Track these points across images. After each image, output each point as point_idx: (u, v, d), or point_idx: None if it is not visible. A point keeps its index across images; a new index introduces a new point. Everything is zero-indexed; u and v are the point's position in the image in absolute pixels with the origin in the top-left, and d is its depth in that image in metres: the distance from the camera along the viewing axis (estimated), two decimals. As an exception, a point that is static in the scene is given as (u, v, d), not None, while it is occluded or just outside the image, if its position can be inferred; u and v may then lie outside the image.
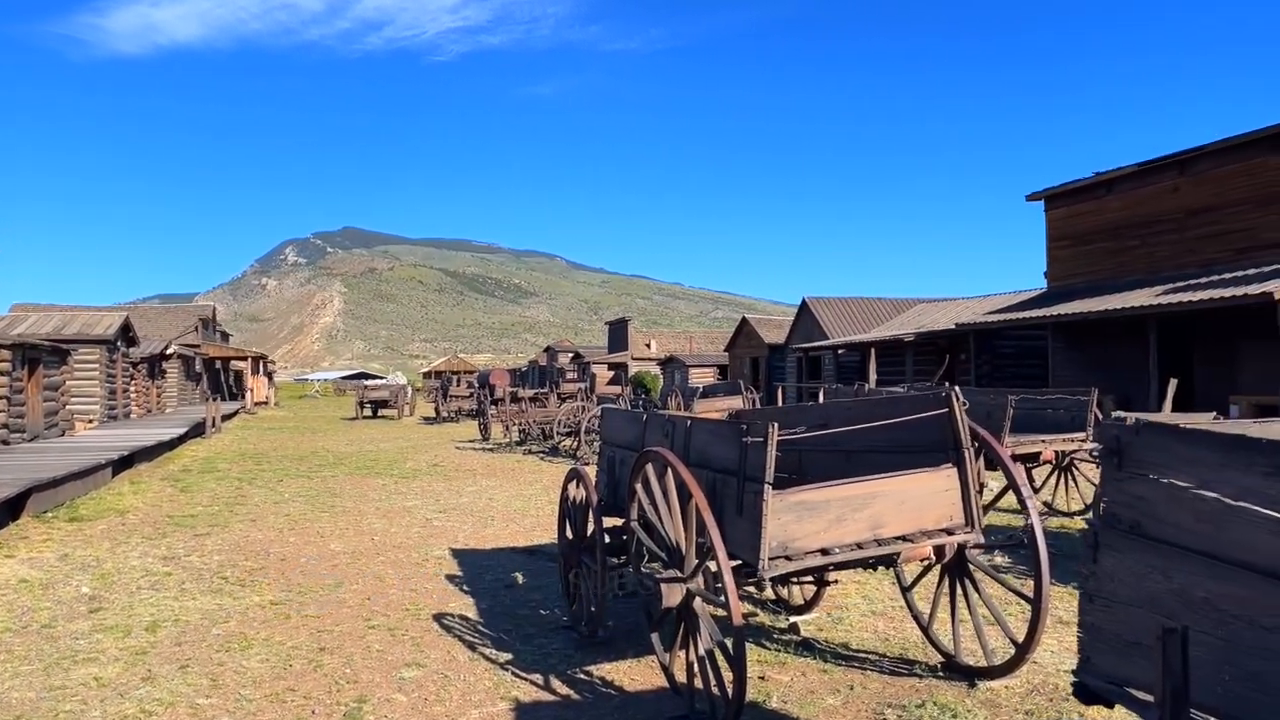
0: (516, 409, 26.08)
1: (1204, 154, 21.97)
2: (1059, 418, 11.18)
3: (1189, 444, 2.27)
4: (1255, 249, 20.78)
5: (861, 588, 7.69)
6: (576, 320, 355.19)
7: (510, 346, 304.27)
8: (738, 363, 49.57)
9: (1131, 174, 24.17)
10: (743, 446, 4.66)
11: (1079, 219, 26.26)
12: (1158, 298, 20.56)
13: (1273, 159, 20.33)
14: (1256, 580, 2.05)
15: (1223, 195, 21.64)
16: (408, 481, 16.47)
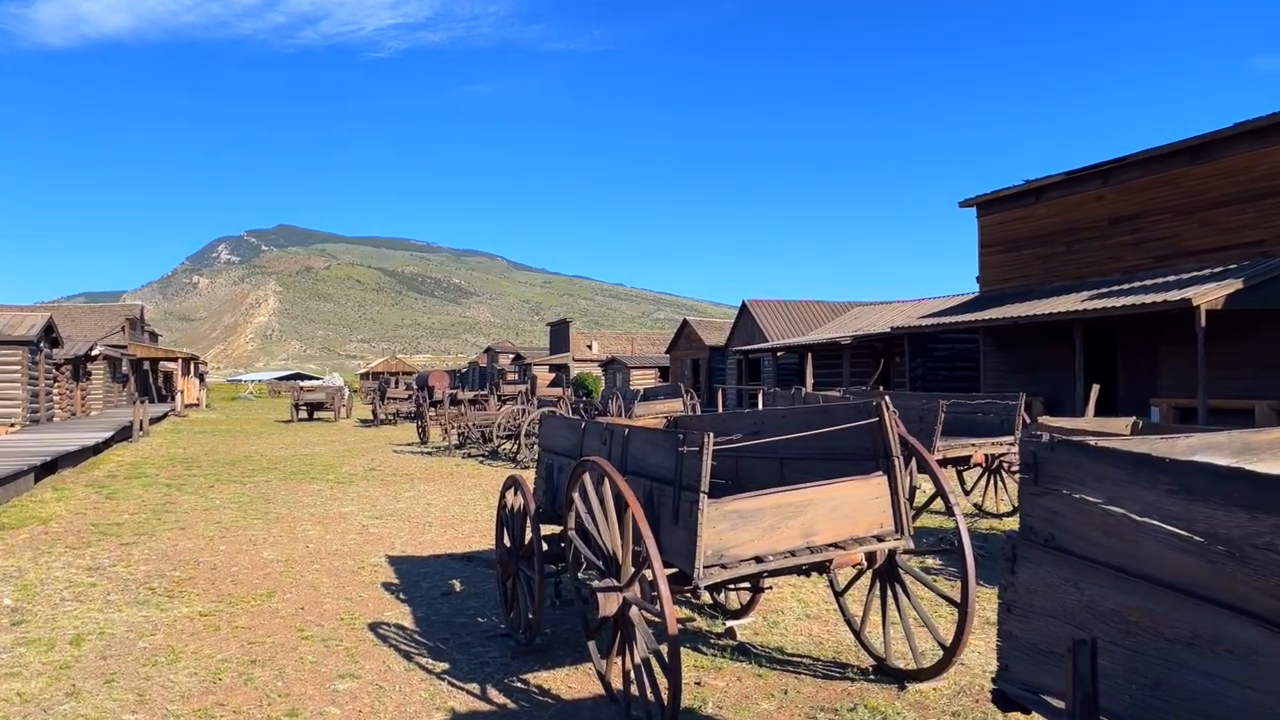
0: (456, 412, 25.86)
1: (1128, 164, 22.72)
2: (989, 422, 11.46)
3: (1099, 461, 2.37)
4: (1175, 256, 21.55)
5: (797, 591, 7.81)
6: (518, 321, 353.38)
7: (450, 347, 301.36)
8: (679, 364, 49.82)
9: (1059, 182, 24.88)
10: (679, 456, 4.71)
11: (1010, 226, 26.95)
12: (1083, 303, 21.19)
13: (1193, 169, 21.10)
14: (1160, 593, 2.15)
15: (1145, 204, 22.40)
16: (344, 486, 16.24)
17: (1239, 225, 20.09)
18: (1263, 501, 1.89)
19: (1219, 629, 1.99)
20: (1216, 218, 20.60)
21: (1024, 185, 26.04)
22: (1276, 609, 1.86)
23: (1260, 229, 19.68)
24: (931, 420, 10.41)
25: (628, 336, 71.11)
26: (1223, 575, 1.98)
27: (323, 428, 36.10)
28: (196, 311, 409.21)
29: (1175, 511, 2.11)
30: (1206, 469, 2.05)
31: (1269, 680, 1.87)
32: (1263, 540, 1.89)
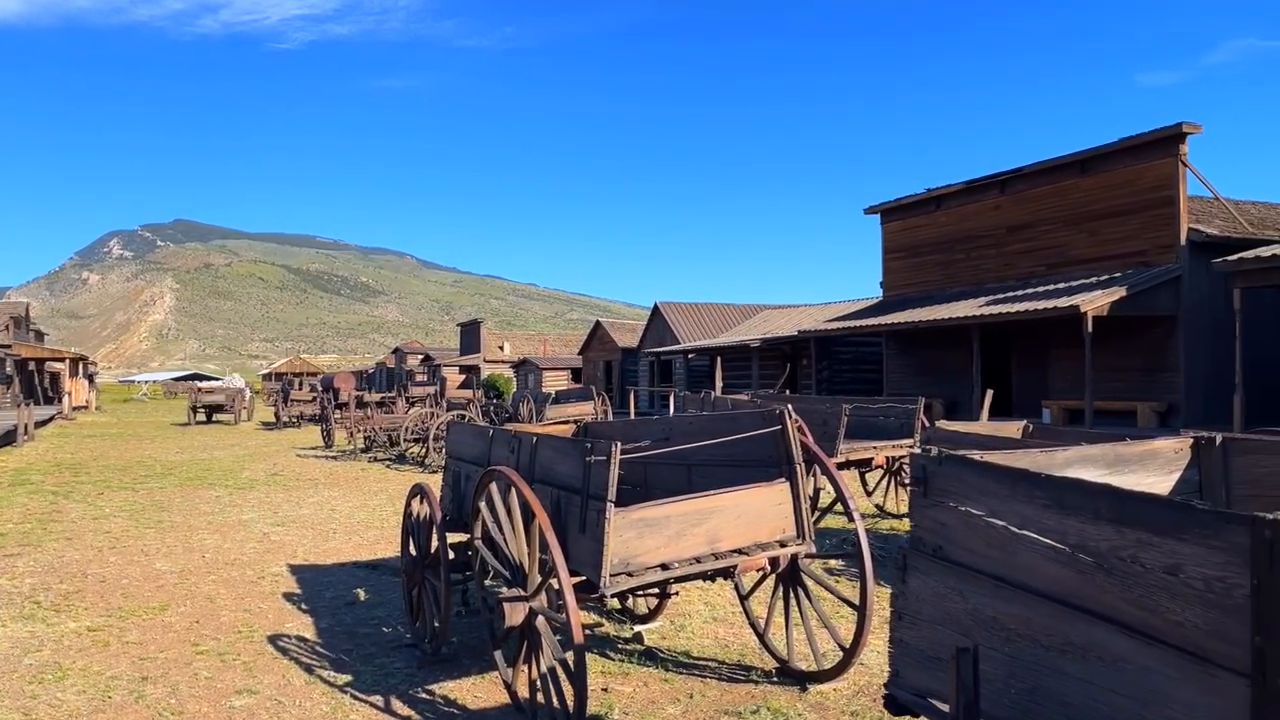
0: (362, 414, 25.35)
1: (1021, 175, 23.65)
2: (890, 425, 11.80)
3: (982, 476, 2.48)
4: (1065, 264, 22.53)
5: (704, 594, 7.91)
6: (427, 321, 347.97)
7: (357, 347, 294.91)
8: (592, 366, 49.82)
9: (959, 191, 25.75)
10: (586, 465, 4.73)
11: (912, 232, 27.76)
12: (980, 309, 21.98)
13: (1082, 181, 22.09)
14: (1037, 602, 2.26)
15: (1038, 214, 23.36)
16: (244, 492, 15.76)
17: (1123, 236, 21.13)
18: (1127, 516, 2.01)
19: (1090, 637, 2.11)
20: (1103, 228, 21.62)
21: (926, 194, 26.88)
22: (1140, 618, 1.98)
23: (1142, 239, 20.73)
24: (835, 424, 10.67)
25: (540, 337, 70.82)
26: (1092, 585, 2.10)
27: (222, 431, 34.94)
28: (86, 309, 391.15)
29: (1050, 525, 2.23)
30: (1078, 485, 2.17)
31: (1134, 686, 1.99)
32: (1127, 553, 2.01)
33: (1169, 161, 20.08)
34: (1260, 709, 1.72)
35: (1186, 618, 1.88)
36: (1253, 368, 18.13)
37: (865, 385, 31.13)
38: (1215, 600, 1.82)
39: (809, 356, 30.65)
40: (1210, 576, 1.83)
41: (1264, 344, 19.91)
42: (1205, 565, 1.83)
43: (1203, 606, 1.84)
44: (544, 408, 21.74)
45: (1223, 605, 1.80)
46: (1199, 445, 3.17)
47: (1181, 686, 1.88)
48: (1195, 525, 1.85)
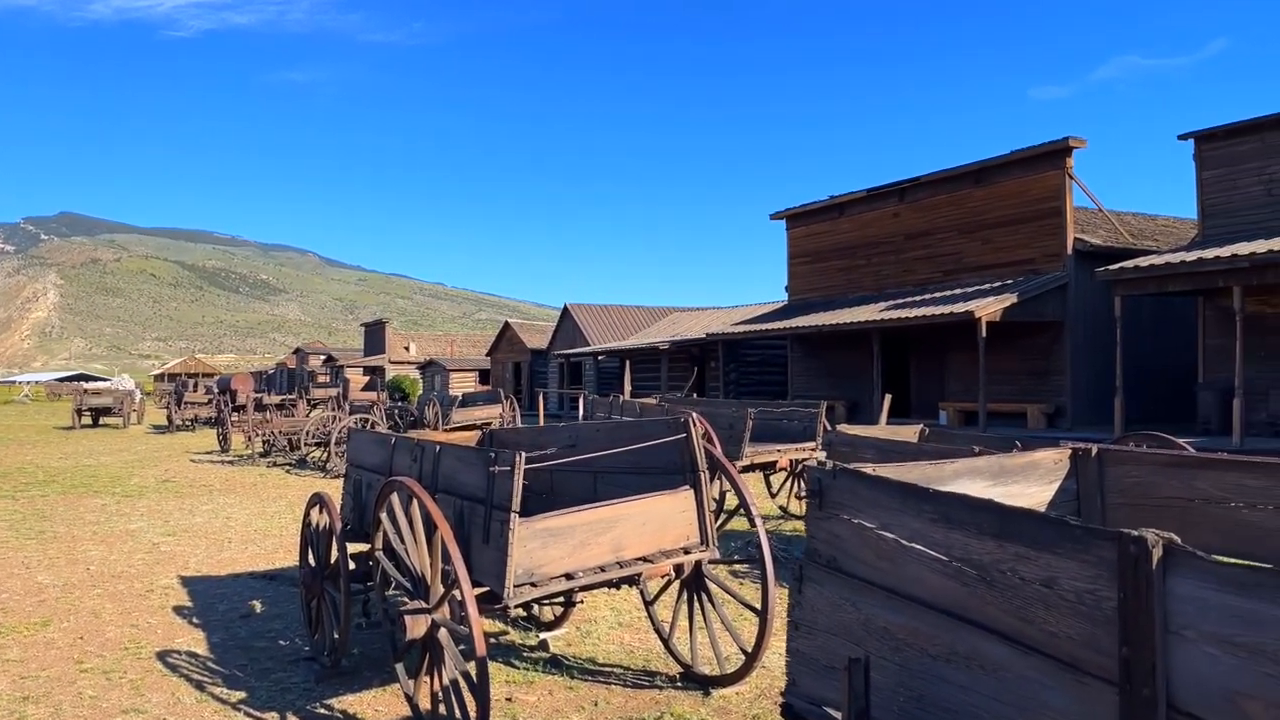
0: (261, 417, 24.60)
1: (920, 184, 24.42)
2: (793, 428, 12.03)
3: (874, 489, 2.56)
4: (961, 271, 23.35)
5: (610, 600, 7.92)
6: (330, 320, 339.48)
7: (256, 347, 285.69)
8: (500, 367, 49.40)
9: (861, 198, 26.43)
10: (490, 475, 4.69)
11: (816, 238, 28.36)
12: (880, 313, 22.59)
13: (976, 191, 22.92)
14: (924, 613, 2.34)
15: (935, 222, 24.15)
16: (132, 500, 15.11)
17: (1014, 244, 22.01)
18: (1007, 531, 2.10)
19: (973, 646, 2.19)
20: (995, 237, 22.47)
21: (829, 200, 27.50)
22: (1019, 629, 2.07)
23: (1031, 248, 21.63)
24: (740, 428, 10.83)
25: (447, 338, 69.87)
26: (975, 597, 2.19)
27: (109, 435, 33.41)
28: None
29: (937, 538, 2.31)
30: (962, 501, 2.25)
31: (1013, 693, 2.08)
32: (1007, 566, 2.10)
33: (1057, 174, 21.01)
34: (1127, 716, 1.82)
35: (1061, 628, 1.97)
36: (1132, 370, 19.12)
37: (771, 387, 31.68)
38: (1086, 612, 1.91)
39: (717, 359, 31.02)
40: (1082, 589, 1.92)
41: (1142, 348, 21.01)
42: (1077, 579, 1.93)
43: (1075, 618, 1.93)
44: (450, 411, 21.45)
45: (1093, 617, 1.89)
46: (1077, 457, 3.33)
47: (1056, 694, 1.98)
48: (1068, 540, 1.95)
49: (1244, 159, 17.90)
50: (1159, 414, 20.79)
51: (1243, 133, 17.95)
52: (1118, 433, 16.13)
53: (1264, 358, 17.42)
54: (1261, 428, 16.96)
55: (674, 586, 6.45)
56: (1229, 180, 18.18)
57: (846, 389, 26.11)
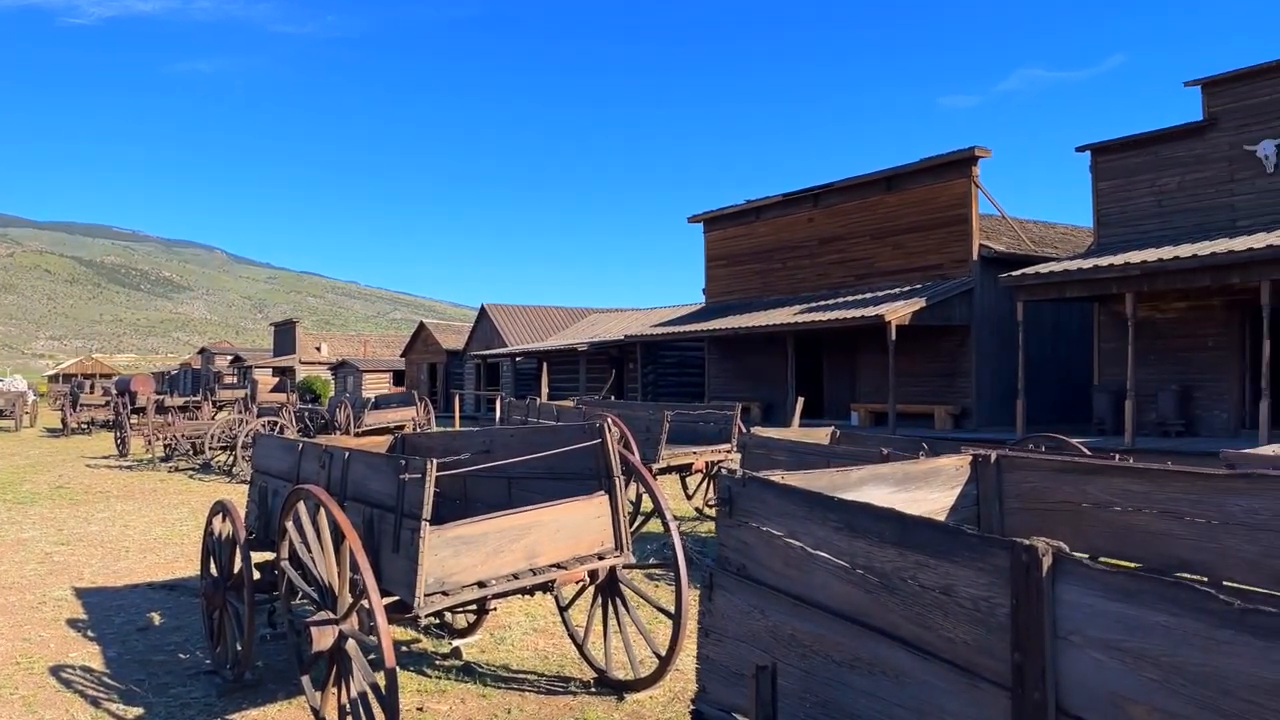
0: (162, 420, 23.71)
1: (833, 190, 24.90)
2: (709, 430, 12.14)
3: (781, 498, 2.59)
4: (872, 275, 23.89)
5: (524, 606, 7.87)
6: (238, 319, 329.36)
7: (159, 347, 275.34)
8: (415, 368, 48.63)
9: (777, 203, 26.82)
10: (400, 483, 4.61)
11: (733, 241, 28.68)
12: (795, 316, 22.97)
13: (887, 197, 23.47)
14: (830, 620, 2.38)
15: (848, 227, 24.66)
16: (24, 508, 14.40)
17: (923, 250, 22.62)
18: (907, 539, 2.15)
19: (876, 653, 2.24)
20: (905, 242, 23.06)
21: (746, 204, 27.84)
22: (919, 635, 2.12)
23: (939, 254, 22.26)
24: (657, 430, 10.88)
25: (360, 338, 68.46)
26: (878, 604, 2.24)
27: (0, 439, 31.80)
28: None
29: (841, 546, 2.35)
30: (866, 509, 2.30)
31: (914, 699, 2.13)
32: (908, 574, 2.15)
33: (963, 182, 21.66)
34: (1020, 718, 1.88)
35: (958, 634, 2.03)
36: (1034, 372, 19.85)
37: (689, 389, 31.91)
38: (981, 618, 1.97)
39: (635, 360, 31.12)
40: (977, 596, 1.98)
41: (1043, 351, 21.84)
42: (973, 586, 1.99)
43: (971, 624, 1.99)
44: (363, 413, 21.03)
45: (988, 623, 1.95)
46: (977, 463, 3.44)
47: (953, 699, 2.03)
48: (964, 549, 2.00)
49: (1137, 171, 18.75)
50: (1059, 414, 21.62)
51: (1136, 146, 18.81)
52: (1020, 433, 16.72)
53: (1154, 361, 18.28)
54: (1151, 428, 17.78)
55: (589, 591, 6.44)
56: (1123, 191, 19.03)
57: (762, 390, 26.47)
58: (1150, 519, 2.95)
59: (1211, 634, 1.57)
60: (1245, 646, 1.52)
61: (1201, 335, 18.13)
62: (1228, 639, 1.55)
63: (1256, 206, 16.92)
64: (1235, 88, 17.23)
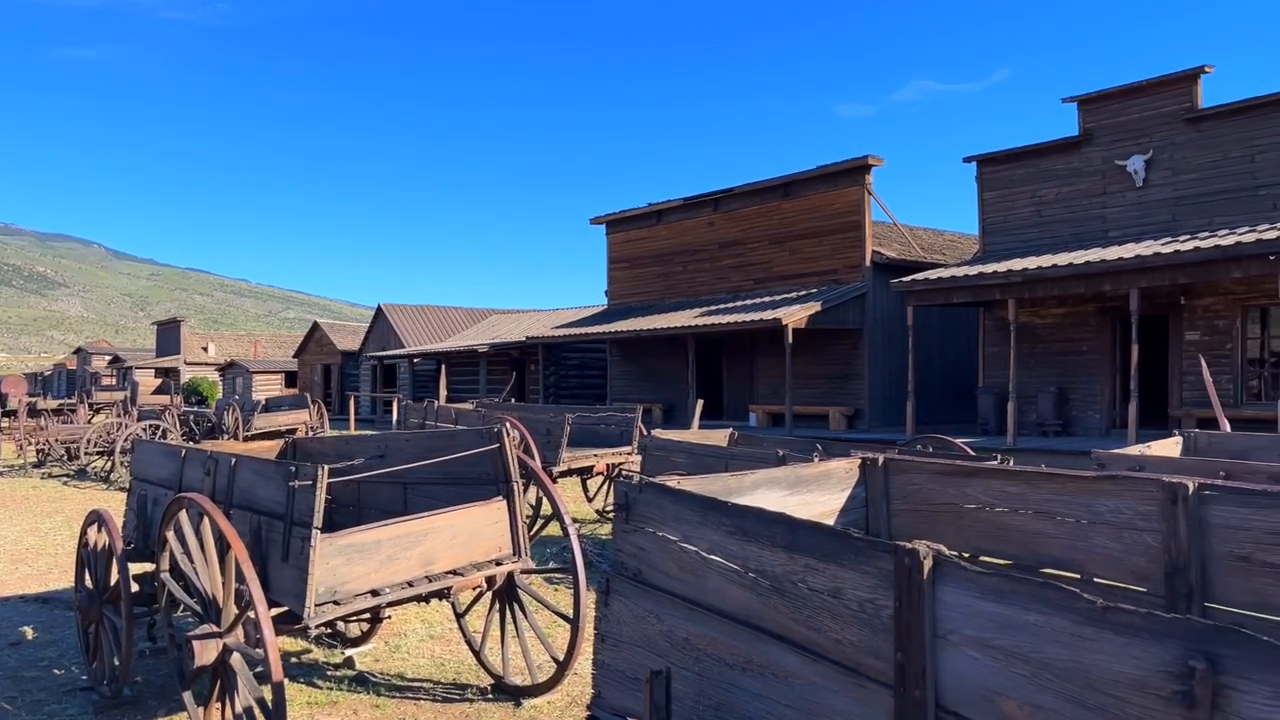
0: (34, 424, 22.45)
1: (733, 195, 25.28)
2: (610, 433, 12.17)
3: (677, 503, 2.62)
4: (771, 280, 24.35)
5: (421, 613, 7.74)
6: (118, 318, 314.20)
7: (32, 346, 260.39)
8: (309, 369, 47.28)
9: (678, 207, 27.08)
10: (290, 490, 4.48)
11: (635, 244, 28.83)
12: (696, 319, 23.23)
13: (784, 204, 23.96)
14: (723, 623, 2.42)
15: (747, 232, 25.07)
16: (-125, 519, 13.43)
17: (819, 255, 23.17)
18: (797, 544, 2.20)
19: (767, 655, 2.28)
20: (802, 247, 23.59)
21: (647, 208, 28.02)
22: (808, 638, 2.17)
23: (834, 259, 22.85)
24: (558, 433, 10.84)
25: (250, 338, 66.17)
26: (770, 607, 2.28)
27: None
28: None
29: (734, 550, 2.39)
30: (758, 514, 2.34)
31: (803, 699, 2.18)
32: (798, 577, 2.20)
33: (857, 190, 22.28)
34: (901, 716, 1.94)
35: (845, 636, 2.08)
36: (923, 375, 20.55)
37: (591, 390, 31.91)
38: (867, 620, 2.03)
39: (537, 362, 30.95)
40: (863, 598, 2.04)
41: (932, 354, 22.65)
42: (859, 588, 2.05)
43: (857, 626, 2.05)
44: (252, 416, 20.32)
45: (873, 624, 2.01)
46: (865, 466, 3.54)
47: (840, 699, 2.09)
48: (850, 552, 2.06)
49: (1019, 182, 19.62)
50: (947, 415, 22.44)
51: (1018, 158, 19.68)
52: (909, 434, 17.30)
53: (1034, 364, 19.15)
54: (1031, 428, 18.63)
55: (487, 597, 6.37)
56: (1006, 201, 19.88)
57: (664, 392, 26.68)
58: (1026, 519, 3.09)
59: (1077, 631, 1.65)
60: (1107, 643, 1.61)
61: (1077, 340, 19.08)
62: (1091, 636, 1.63)
63: (1126, 219, 17.91)
64: (1108, 105, 18.21)
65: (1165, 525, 2.72)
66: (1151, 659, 1.55)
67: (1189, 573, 2.67)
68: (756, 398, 24.50)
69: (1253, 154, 16.32)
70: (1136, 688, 1.57)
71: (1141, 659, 1.57)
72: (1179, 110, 17.15)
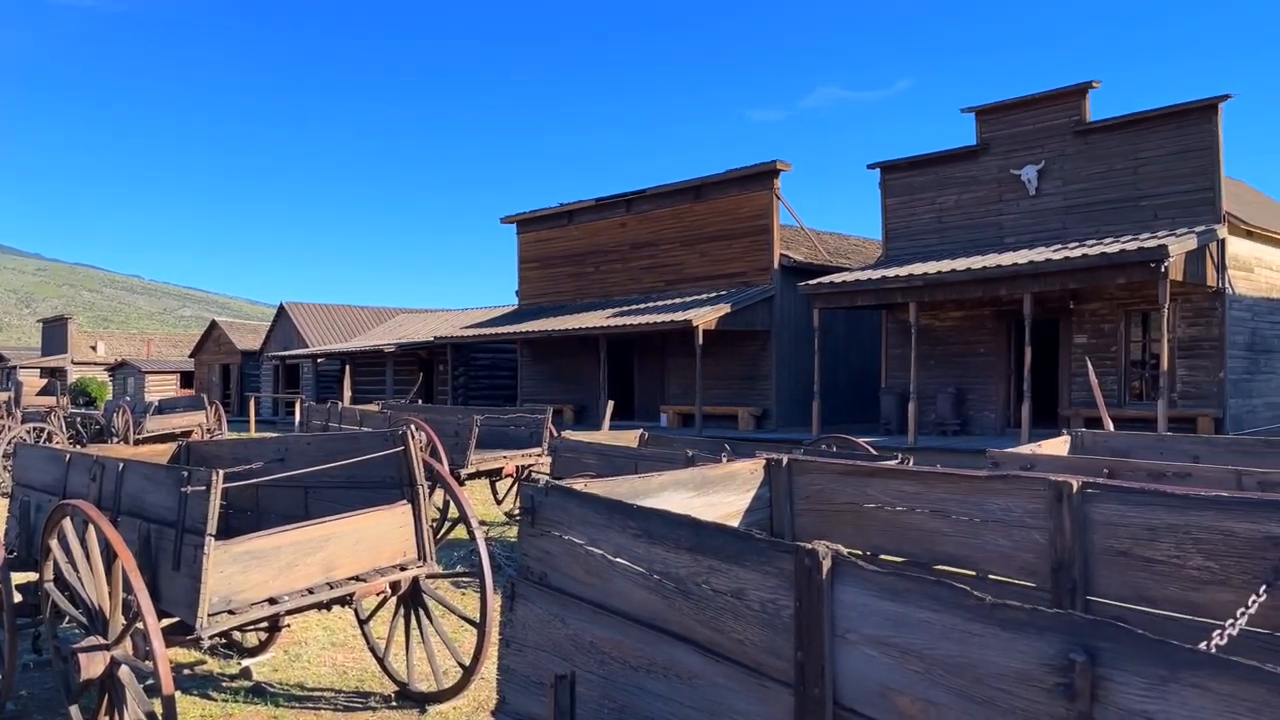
0: (-95, 427, 21.06)
1: (644, 196, 25.41)
2: (520, 434, 12.07)
3: (583, 506, 2.61)
4: (681, 281, 24.55)
5: (322, 620, 7.54)
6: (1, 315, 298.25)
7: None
8: (206, 370, 45.67)
9: (590, 207, 27.08)
10: (182, 496, 4.31)
11: (546, 244, 28.70)
12: (607, 320, 23.26)
13: (695, 206, 24.19)
14: (628, 626, 2.42)
15: (659, 234, 25.23)
16: None
17: (729, 257, 23.47)
18: (702, 545, 2.22)
19: (671, 657, 2.29)
20: (712, 250, 23.85)
21: (559, 207, 27.94)
22: (712, 639, 2.19)
23: (743, 262, 23.17)
24: (466, 435, 10.71)
25: (144, 337, 63.55)
26: (674, 609, 2.29)
27: None
28: None
29: (640, 553, 2.40)
30: (663, 516, 2.36)
31: (706, 700, 2.20)
32: (702, 578, 2.22)
33: (766, 194, 22.64)
34: (800, 715, 1.98)
35: (747, 636, 2.11)
36: (829, 376, 21.01)
37: (501, 391, 31.64)
38: (768, 620, 2.06)
39: (445, 363, 30.53)
40: (765, 599, 2.07)
41: (838, 355, 23.16)
42: (761, 589, 2.07)
43: (760, 626, 2.08)
44: (144, 418, 19.50)
45: (774, 624, 2.04)
46: (769, 466, 3.60)
47: (742, 698, 2.11)
48: (753, 553, 2.09)
49: (920, 189, 20.23)
50: (852, 415, 22.97)
51: (919, 166, 20.29)
52: (815, 434, 17.66)
53: (934, 366, 19.77)
54: (930, 427, 19.22)
55: (392, 602, 6.25)
56: (908, 207, 20.48)
57: (575, 393, 26.63)
58: (922, 518, 3.19)
59: (966, 628, 1.71)
60: (994, 638, 1.67)
61: (974, 342, 19.78)
62: (980, 631, 1.69)
63: (1021, 225, 18.64)
64: (1004, 116, 18.92)
65: (1052, 522, 2.84)
66: (1035, 653, 1.61)
67: (1073, 568, 2.79)
68: (668, 398, 24.67)
69: (1136, 166, 17.18)
70: (1022, 681, 1.64)
71: (1026, 653, 1.63)
72: (1069, 123, 17.93)
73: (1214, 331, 16.72)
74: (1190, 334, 16.92)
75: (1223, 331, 16.62)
